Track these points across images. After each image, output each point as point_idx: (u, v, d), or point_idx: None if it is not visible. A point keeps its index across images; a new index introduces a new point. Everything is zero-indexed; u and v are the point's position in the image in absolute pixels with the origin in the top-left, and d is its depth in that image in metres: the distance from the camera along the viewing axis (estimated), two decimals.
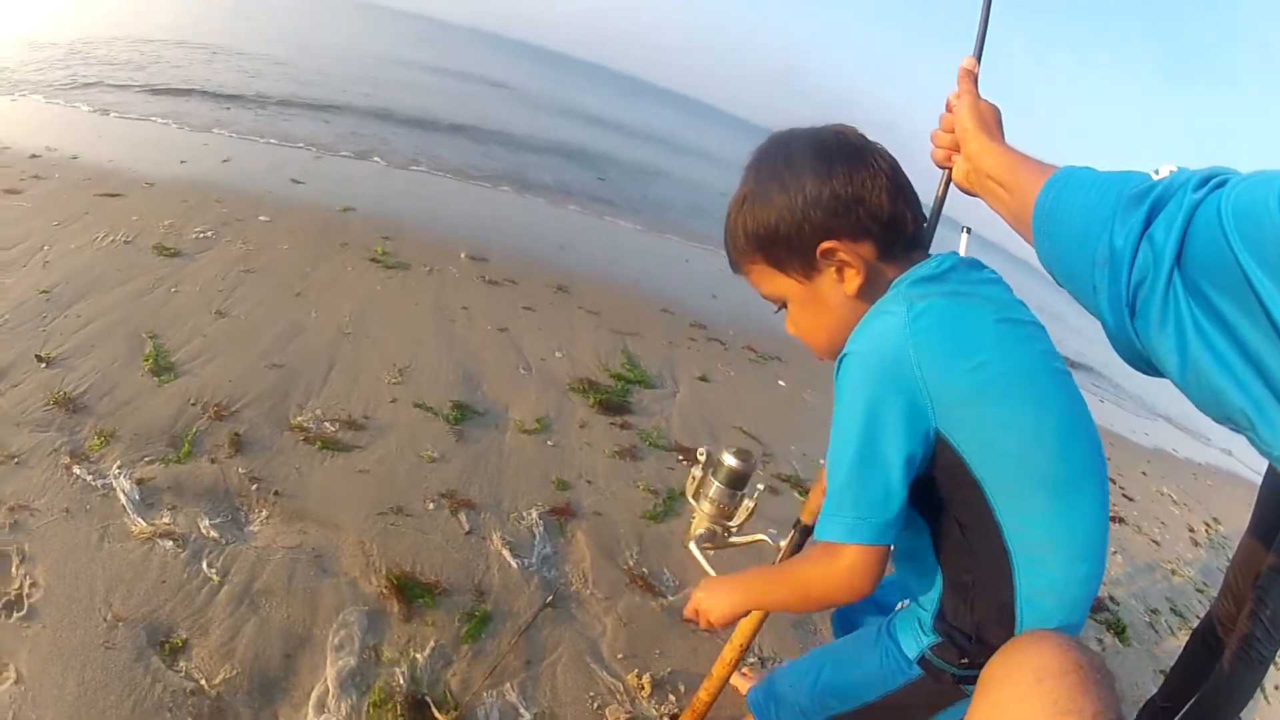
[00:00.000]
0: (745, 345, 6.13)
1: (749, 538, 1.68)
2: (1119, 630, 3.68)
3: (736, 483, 1.68)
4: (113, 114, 8.58)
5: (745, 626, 1.88)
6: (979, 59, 1.37)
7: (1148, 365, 0.95)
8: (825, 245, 1.28)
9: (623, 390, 4.46)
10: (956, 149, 1.32)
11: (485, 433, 3.61)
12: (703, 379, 5.04)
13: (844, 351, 1.25)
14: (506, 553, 2.81)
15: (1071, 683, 1.04)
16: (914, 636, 1.40)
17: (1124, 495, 6.16)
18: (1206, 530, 6.33)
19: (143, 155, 6.86)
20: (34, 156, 6.06)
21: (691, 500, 1.75)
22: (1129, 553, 4.92)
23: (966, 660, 1.31)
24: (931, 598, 1.36)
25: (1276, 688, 3.81)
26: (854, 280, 1.29)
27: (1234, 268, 0.80)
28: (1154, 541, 5.40)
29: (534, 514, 3.08)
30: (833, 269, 1.30)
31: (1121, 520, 5.48)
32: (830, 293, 1.33)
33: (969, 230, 1.47)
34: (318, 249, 5.34)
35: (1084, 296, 1.00)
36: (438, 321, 4.69)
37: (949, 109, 1.35)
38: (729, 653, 1.93)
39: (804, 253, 1.30)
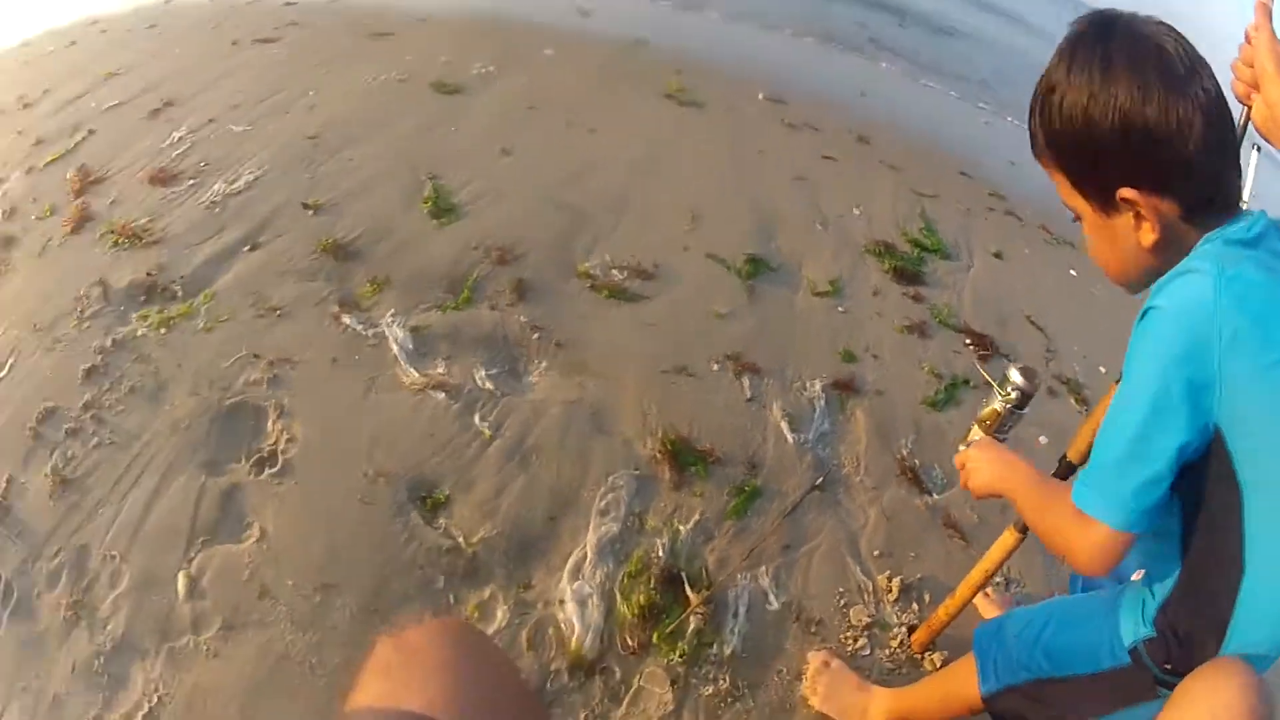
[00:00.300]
0: (1041, 225, 5.47)
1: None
2: None
3: (1018, 401, 1.71)
4: None
5: (995, 553, 1.87)
6: None
7: None
8: (1124, 193, 1.18)
9: (918, 258, 4.07)
10: (1256, 86, 1.24)
11: (777, 290, 3.37)
12: (997, 255, 4.55)
13: (1148, 305, 1.16)
14: (785, 425, 2.66)
15: None
16: (1134, 622, 1.34)
17: None
18: None
19: None
20: (288, 4, 5.58)
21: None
22: None
23: (1170, 665, 1.27)
24: (1165, 584, 1.30)
25: None
26: (1149, 236, 1.20)
27: None
28: None
29: (817, 386, 2.88)
30: (1130, 214, 1.21)
31: None
32: (1125, 235, 1.24)
33: (1259, 148, 1.30)
34: (607, 84, 5.08)
35: None
36: (734, 165, 4.41)
37: (1248, 40, 1.26)
38: (976, 574, 1.92)
39: (1101, 187, 1.22)
